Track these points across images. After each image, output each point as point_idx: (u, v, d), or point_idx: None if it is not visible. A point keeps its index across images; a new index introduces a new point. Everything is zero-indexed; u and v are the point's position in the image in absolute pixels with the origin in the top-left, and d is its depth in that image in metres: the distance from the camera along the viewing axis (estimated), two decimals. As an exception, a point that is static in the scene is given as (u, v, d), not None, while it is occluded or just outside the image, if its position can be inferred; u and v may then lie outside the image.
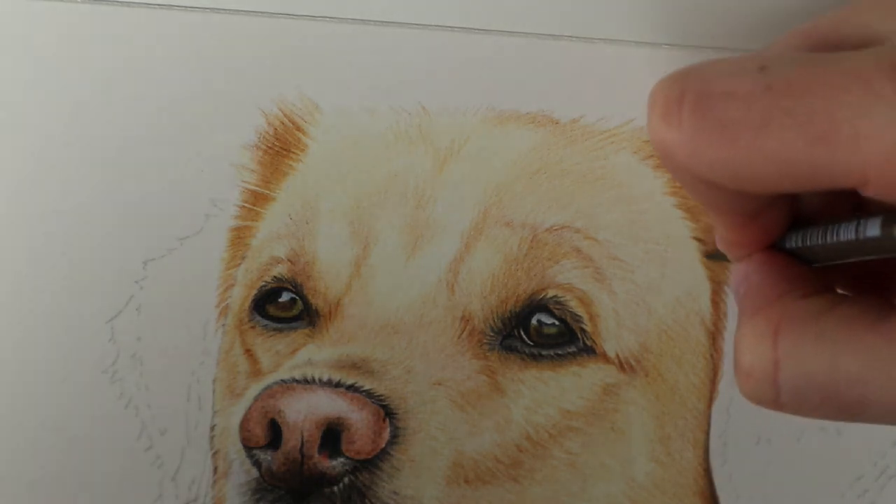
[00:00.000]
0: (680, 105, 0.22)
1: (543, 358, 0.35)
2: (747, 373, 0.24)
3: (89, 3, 0.38)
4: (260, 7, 0.38)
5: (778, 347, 0.23)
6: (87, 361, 0.37)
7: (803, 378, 0.23)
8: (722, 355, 0.36)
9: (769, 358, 0.24)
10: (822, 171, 0.21)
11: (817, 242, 0.25)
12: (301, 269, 0.36)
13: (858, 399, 0.22)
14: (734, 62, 0.22)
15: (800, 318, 0.24)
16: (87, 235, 0.37)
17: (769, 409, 0.24)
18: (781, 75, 0.21)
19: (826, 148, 0.20)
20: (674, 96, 0.22)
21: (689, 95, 0.22)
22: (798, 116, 0.21)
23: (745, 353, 0.24)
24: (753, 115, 0.21)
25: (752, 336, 0.24)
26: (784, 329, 0.24)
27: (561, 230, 0.36)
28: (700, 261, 0.36)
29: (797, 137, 0.21)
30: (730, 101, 0.21)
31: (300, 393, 0.34)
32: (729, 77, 0.22)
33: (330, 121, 0.38)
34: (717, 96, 0.22)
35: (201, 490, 0.36)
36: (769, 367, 0.24)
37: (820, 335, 0.23)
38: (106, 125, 0.37)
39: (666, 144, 0.22)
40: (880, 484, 0.36)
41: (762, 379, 0.24)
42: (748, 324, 0.25)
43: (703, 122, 0.22)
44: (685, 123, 0.22)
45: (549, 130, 0.37)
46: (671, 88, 0.22)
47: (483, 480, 0.35)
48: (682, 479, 0.36)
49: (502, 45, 0.38)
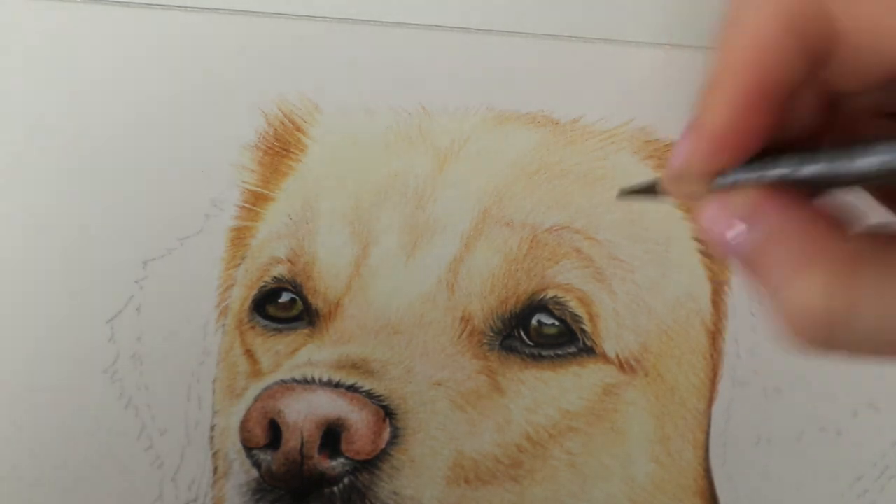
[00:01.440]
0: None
1: (543, 358, 0.35)
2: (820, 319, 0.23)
3: (89, 3, 0.38)
4: (260, 7, 0.38)
5: (856, 288, 0.23)
6: (87, 361, 0.37)
7: (883, 315, 0.22)
8: (722, 355, 0.36)
9: (845, 302, 0.23)
10: None
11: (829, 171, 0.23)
12: (301, 269, 0.36)
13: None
14: None
15: (873, 256, 0.23)
16: (87, 235, 0.37)
17: (838, 354, 0.23)
18: None
19: None
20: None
21: None
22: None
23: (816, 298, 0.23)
24: None
25: (827, 277, 0.23)
26: (859, 269, 0.23)
27: (561, 230, 0.36)
28: (700, 261, 0.36)
29: None
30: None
31: (300, 393, 0.34)
32: None
33: (330, 121, 0.38)
34: None
35: (201, 490, 0.36)
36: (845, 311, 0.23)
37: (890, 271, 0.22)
38: (106, 125, 0.37)
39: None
40: (880, 484, 0.36)
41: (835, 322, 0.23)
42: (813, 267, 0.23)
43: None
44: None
45: (549, 130, 0.37)
46: None
47: (483, 480, 0.35)
48: (682, 479, 0.36)
49: (502, 45, 0.38)
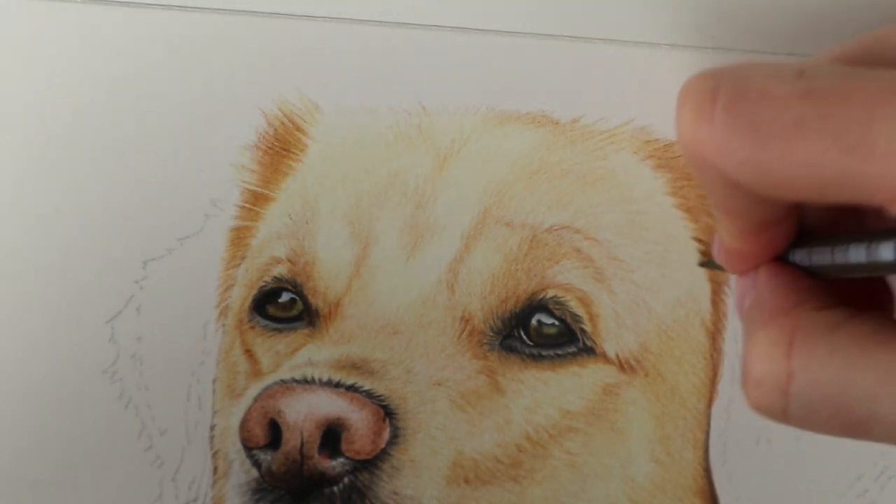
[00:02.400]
0: (713, 101, 0.22)
1: (543, 358, 0.35)
2: (757, 382, 0.24)
3: (89, 3, 0.38)
4: (260, 7, 0.38)
5: (792, 358, 0.23)
6: (87, 361, 0.37)
7: (815, 391, 0.23)
8: (722, 355, 0.36)
9: (783, 369, 0.23)
10: (851, 182, 0.20)
11: (825, 262, 0.25)
12: (301, 269, 0.36)
13: (868, 415, 0.22)
14: (772, 65, 0.22)
15: (815, 330, 0.23)
16: (87, 235, 0.37)
17: (776, 420, 0.24)
18: (820, 82, 0.21)
19: (859, 160, 0.20)
20: (707, 92, 0.22)
21: (724, 92, 0.22)
22: (834, 124, 0.20)
23: (755, 363, 0.24)
24: (789, 117, 0.21)
25: (765, 346, 0.24)
26: (799, 340, 0.23)
27: (561, 230, 0.36)
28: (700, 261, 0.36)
29: (831, 146, 0.20)
30: (766, 101, 0.21)
31: (300, 393, 0.34)
32: (766, 78, 0.21)
33: (330, 121, 0.38)
34: (753, 95, 0.21)
35: (201, 490, 0.36)
36: (782, 378, 0.23)
37: (834, 348, 0.23)
38: (106, 125, 0.37)
39: (695, 139, 0.22)
40: (880, 484, 0.36)
41: (773, 390, 0.23)
42: (760, 333, 0.24)
43: (736, 120, 0.21)
44: (717, 120, 0.22)
45: (549, 130, 0.37)
46: (705, 84, 0.22)
47: (483, 480, 0.35)
48: (682, 479, 0.36)
49: (502, 45, 0.38)
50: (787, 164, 0.21)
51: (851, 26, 0.37)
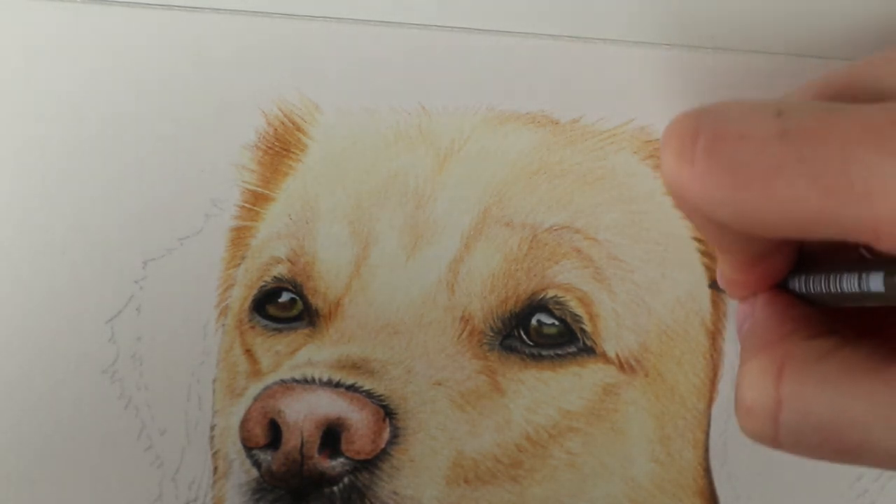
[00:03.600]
0: (694, 143, 0.22)
1: (543, 358, 0.35)
2: (748, 409, 0.24)
3: (89, 3, 0.38)
4: (260, 7, 0.38)
5: (781, 387, 0.23)
6: (87, 361, 0.37)
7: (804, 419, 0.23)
8: (722, 355, 0.36)
9: (772, 397, 0.24)
10: (832, 222, 0.21)
11: (821, 290, 0.25)
12: (301, 269, 0.36)
13: (859, 443, 0.22)
14: (751, 105, 0.22)
15: (804, 358, 0.24)
16: (87, 235, 0.37)
17: (768, 446, 0.24)
18: (797, 122, 0.21)
19: (838, 201, 0.20)
20: (688, 134, 0.22)
21: (704, 134, 0.22)
22: (811, 166, 0.20)
23: (747, 390, 0.24)
24: (766, 159, 0.21)
25: (756, 374, 0.24)
26: (788, 369, 0.24)
27: (561, 230, 0.36)
28: (700, 261, 0.36)
29: (809, 187, 0.20)
30: (744, 143, 0.21)
31: (300, 393, 0.34)
32: (745, 119, 0.22)
33: (330, 121, 0.38)
34: (731, 137, 0.22)
35: (201, 490, 0.36)
36: (771, 406, 0.24)
37: (823, 377, 0.23)
38: (106, 125, 0.37)
39: (678, 181, 0.22)
40: (880, 484, 0.36)
41: (763, 417, 0.24)
42: (752, 361, 0.25)
43: (715, 163, 0.22)
44: (698, 162, 0.22)
45: (549, 130, 0.37)
46: (686, 126, 0.22)
47: (483, 480, 0.35)
48: (682, 479, 0.36)
49: (502, 45, 0.38)
50: (767, 205, 0.21)
51: (851, 26, 0.37)
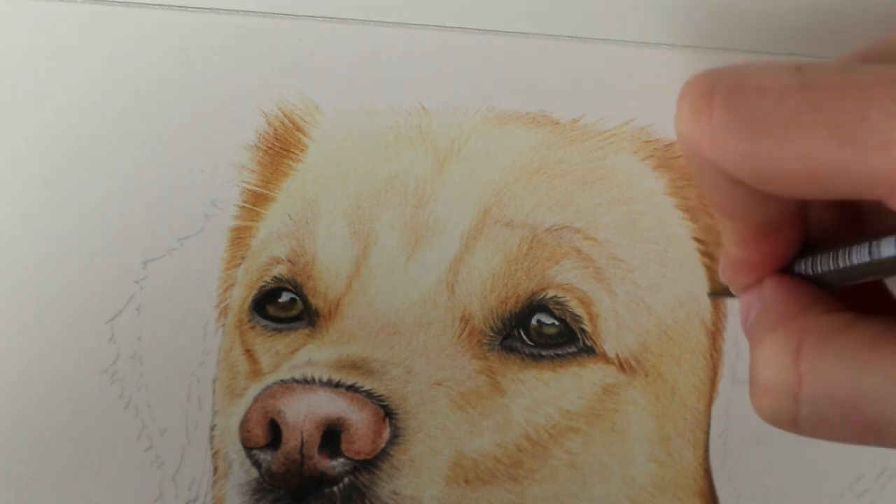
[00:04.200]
0: (711, 97, 0.22)
1: (543, 358, 0.35)
2: (766, 388, 0.24)
3: (89, 3, 0.38)
4: (260, 7, 0.38)
5: (800, 362, 0.23)
6: (87, 361, 0.37)
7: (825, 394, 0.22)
8: (722, 355, 0.36)
9: (791, 372, 0.23)
10: (849, 175, 0.20)
11: (829, 267, 0.25)
12: (301, 269, 0.36)
13: (879, 418, 0.22)
14: (772, 63, 0.22)
15: (822, 333, 0.23)
16: (87, 235, 0.37)
17: (786, 428, 0.24)
18: (816, 76, 0.21)
19: (856, 151, 0.20)
20: (705, 89, 0.22)
21: (722, 88, 0.22)
22: (830, 116, 0.20)
23: (764, 369, 0.24)
24: (785, 110, 0.21)
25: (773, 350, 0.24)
26: (807, 344, 0.23)
27: (561, 230, 0.36)
28: (700, 261, 0.36)
29: (827, 137, 0.20)
30: (762, 95, 0.21)
31: (300, 393, 0.34)
32: (763, 73, 0.22)
33: (330, 121, 0.38)
34: (749, 90, 0.21)
35: (201, 490, 0.36)
36: (791, 382, 0.23)
37: (843, 351, 0.22)
38: (106, 125, 0.37)
39: (694, 137, 0.22)
40: (880, 484, 0.36)
41: (782, 395, 0.23)
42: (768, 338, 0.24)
43: (733, 115, 0.21)
44: (715, 115, 0.22)
45: (549, 130, 0.37)
46: (703, 82, 0.22)
47: (483, 480, 0.35)
48: (682, 479, 0.36)
49: (502, 45, 0.38)
50: (784, 158, 0.21)
51: (852, 25, 0.37)
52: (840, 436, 0.23)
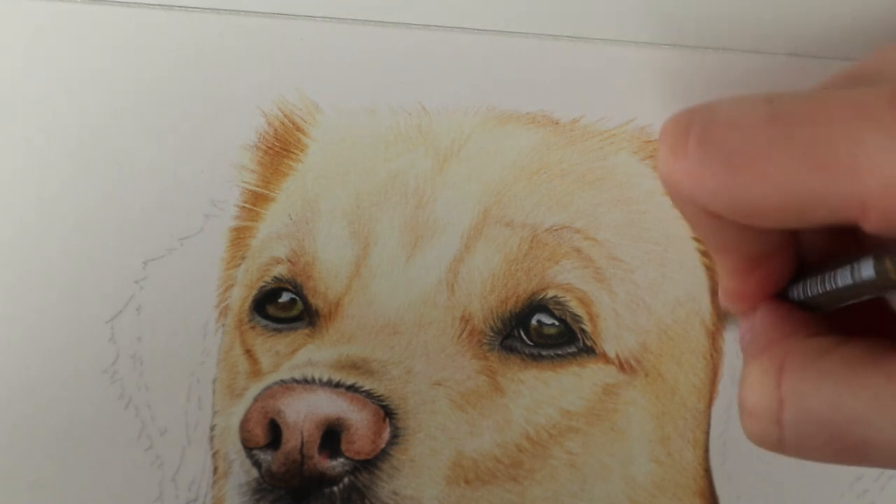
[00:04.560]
0: (687, 136, 0.22)
1: (543, 358, 0.35)
2: (750, 412, 0.24)
3: (89, 3, 0.38)
4: (260, 7, 0.38)
5: (782, 386, 0.23)
6: (87, 361, 0.37)
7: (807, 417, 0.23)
8: (722, 355, 0.36)
9: (773, 397, 0.23)
10: (822, 201, 0.21)
11: (818, 291, 0.25)
12: (301, 269, 0.36)
13: (862, 440, 0.22)
14: (744, 96, 0.23)
15: (804, 356, 0.23)
16: (87, 235, 0.37)
17: (772, 450, 0.24)
18: (786, 106, 0.21)
19: (825, 177, 0.20)
20: (682, 128, 0.23)
21: (696, 126, 0.22)
22: (799, 145, 0.21)
23: (749, 394, 0.24)
24: (756, 143, 0.21)
25: (756, 375, 0.24)
26: (788, 368, 0.23)
27: (561, 230, 0.36)
28: (700, 261, 0.36)
29: (798, 166, 0.21)
30: (733, 130, 0.22)
31: (300, 393, 0.34)
32: (735, 109, 0.22)
33: (330, 121, 0.38)
34: (721, 125, 0.22)
35: (201, 490, 0.36)
36: (773, 406, 0.23)
37: (824, 374, 0.23)
38: (106, 125, 0.37)
39: (672, 174, 0.23)
40: (880, 484, 0.36)
41: (765, 418, 0.24)
42: (752, 363, 0.25)
43: (707, 151, 0.22)
44: (691, 153, 0.22)
45: (549, 130, 0.37)
46: (680, 121, 0.23)
47: (483, 480, 0.35)
48: (682, 479, 0.36)
49: (502, 45, 0.38)
50: (759, 189, 0.21)
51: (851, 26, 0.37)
52: (825, 457, 0.23)
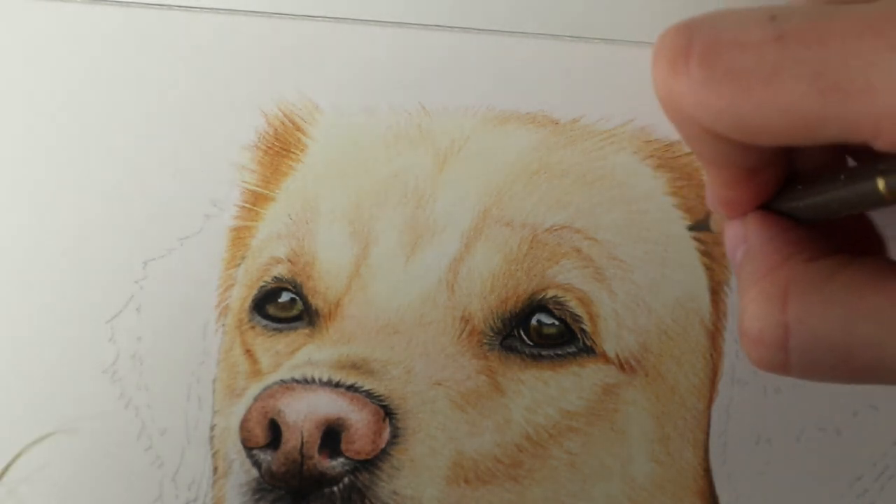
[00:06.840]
0: (688, 54, 0.22)
1: (543, 358, 0.35)
2: (756, 339, 0.24)
3: (88, 4, 0.38)
4: (260, 7, 0.38)
5: (788, 312, 0.23)
6: (87, 361, 0.37)
7: (815, 342, 0.22)
8: (722, 355, 0.36)
9: (779, 324, 0.23)
10: (833, 122, 0.20)
11: (815, 200, 0.25)
12: (301, 269, 0.36)
13: (873, 362, 0.22)
14: (744, 12, 0.22)
15: (808, 281, 0.23)
16: (87, 235, 0.37)
17: (779, 374, 0.24)
18: (792, 24, 0.21)
19: (838, 99, 0.20)
20: (681, 45, 0.22)
21: (698, 44, 0.22)
22: (810, 66, 0.20)
23: (753, 321, 0.24)
24: (765, 64, 0.21)
25: (760, 302, 0.24)
26: (793, 293, 0.23)
27: (561, 230, 0.36)
28: (700, 261, 0.36)
29: (809, 87, 0.20)
30: (740, 50, 0.21)
31: (300, 393, 0.34)
32: (739, 26, 0.21)
33: (330, 121, 0.38)
34: (726, 45, 0.21)
35: (201, 490, 0.36)
36: (779, 333, 0.23)
37: (830, 298, 0.22)
38: (106, 125, 0.38)
39: (672, 93, 0.22)
40: (880, 484, 0.36)
41: (772, 345, 0.23)
42: (754, 288, 0.24)
43: (712, 72, 0.21)
44: (694, 72, 0.21)
45: (549, 130, 0.37)
46: (679, 37, 0.22)
47: (483, 480, 0.35)
48: (682, 479, 0.36)
49: (502, 45, 0.38)
50: (766, 111, 0.21)
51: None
52: (834, 378, 0.23)
